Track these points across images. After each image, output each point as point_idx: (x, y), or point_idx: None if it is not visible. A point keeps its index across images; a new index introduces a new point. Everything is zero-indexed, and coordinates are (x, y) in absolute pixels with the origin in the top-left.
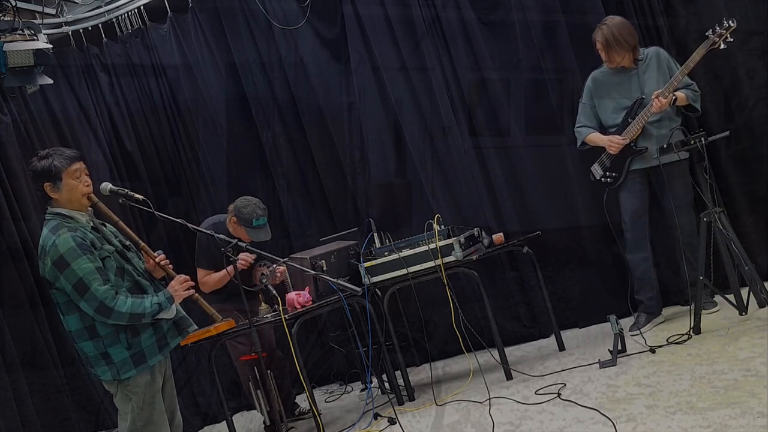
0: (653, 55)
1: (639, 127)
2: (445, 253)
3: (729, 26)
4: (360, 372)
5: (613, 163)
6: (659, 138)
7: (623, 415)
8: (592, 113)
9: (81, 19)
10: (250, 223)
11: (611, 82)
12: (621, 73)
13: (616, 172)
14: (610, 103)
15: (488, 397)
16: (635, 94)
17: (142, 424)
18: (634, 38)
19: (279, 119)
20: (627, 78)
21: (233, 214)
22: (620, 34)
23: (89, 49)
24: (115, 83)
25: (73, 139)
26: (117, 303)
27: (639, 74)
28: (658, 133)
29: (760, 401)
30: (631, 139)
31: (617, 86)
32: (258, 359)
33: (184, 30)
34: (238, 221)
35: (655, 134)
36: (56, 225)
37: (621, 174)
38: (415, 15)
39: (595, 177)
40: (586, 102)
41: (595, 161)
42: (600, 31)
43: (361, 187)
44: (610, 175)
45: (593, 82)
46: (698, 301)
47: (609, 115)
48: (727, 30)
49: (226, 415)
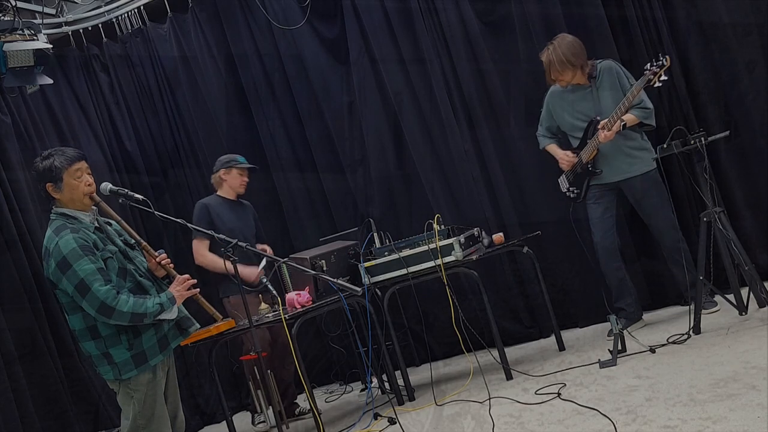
0: (605, 71)
1: (593, 148)
2: (445, 253)
3: (663, 64)
4: (360, 372)
5: (575, 179)
6: (615, 157)
7: (623, 407)
8: (551, 123)
9: (81, 19)
10: (236, 160)
11: (566, 99)
12: (576, 90)
13: (578, 189)
14: (567, 118)
15: (488, 397)
16: (590, 113)
17: (143, 423)
18: (580, 58)
19: (279, 119)
20: (582, 96)
21: (218, 174)
22: (564, 54)
23: (89, 49)
24: (115, 83)
25: (73, 139)
26: (118, 303)
27: (593, 91)
28: (612, 153)
29: (759, 393)
30: (587, 161)
31: (573, 104)
32: (258, 359)
33: (184, 30)
34: (226, 170)
35: (609, 154)
36: (59, 226)
37: (582, 191)
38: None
39: (562, 189)
40: (545, 113)
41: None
42: (545, 52)
43: (361, 187)
44: (573, 190)
45: (551, 97)
46: (698, 301)
47: (569, 128)
48: (661, 68)
49: (226, 415)
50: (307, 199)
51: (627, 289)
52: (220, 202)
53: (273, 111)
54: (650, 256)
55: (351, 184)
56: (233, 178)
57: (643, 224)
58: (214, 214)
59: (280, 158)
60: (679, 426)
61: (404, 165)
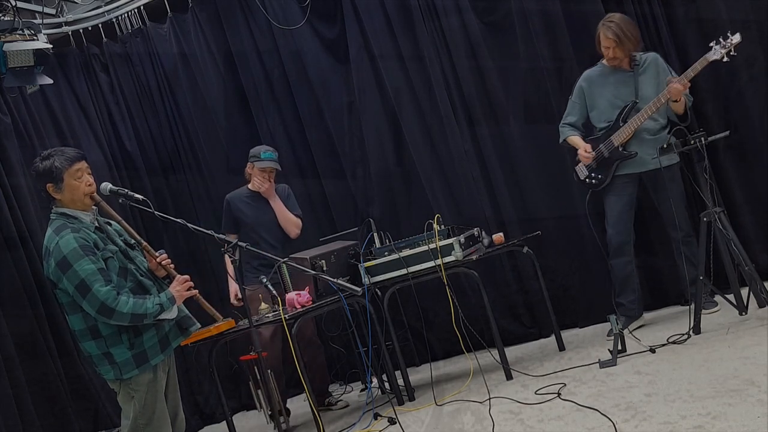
0: (652, 60)
1: (631, 131)
2: (445, 253)
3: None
4: (360, 372)
5: (599, 165)
6: (650, 143)
7: (622, 403)
8: (581, 112)
9: (81, 19)
10: (258, 156)
11: (606, 81)
12: (616, 73)
13: (602, 175)
14: (603, 102)
15: (488, 397)
16: (629, 97)
17: (143, 423)
18: (637, 34)
19: (279, 119)
20: (622, 79)
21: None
22: (629, 30)
23: (89, 49)
24: (114, 83)
25: (73, 139)
26: (119, 304)
27: (635, 77)
28: (650, 138)
29: (759, 389)
30: (620, 143)
31: (612, 86)
32: (258, 359)
33: (184, 30)
34: (250, 164)
35: (647, 139)
36: (60, 226)
37: (607, 177)
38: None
39: (579, 177)
40: (576, 101)
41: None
42: (609, 28)
43: (361, 187)
44: (595, 176)
45: (587, 82)
46: (698, 301)
47: (600, 115)
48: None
49: (227, 415)
50: (307, 199)
51: (631, 285)
52: (245, 195)
53: (273, 111)
54: (651, 254)
55: (351, 184)
56: (254, 174)
57: (644, 221)
58: (235, 209)
59: (280, 159)
60: (679, 422)
61: (404, 165)
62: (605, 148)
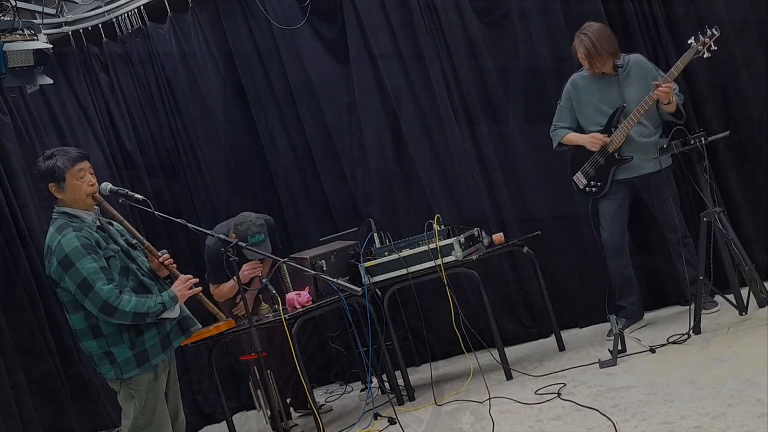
0: (634, 63)
1: (623, 136)
2: (445, 253)
3: (712, 34)
4: (360, 372)
5: (597, 173)
6: (644, 146)
7: (621, 403)
8: (570, 117)
9: (81, 19)
10: (245, 240)
11: (591, 87)
12: (601, 79)
13: (601, 182)
14: (589, 108)
15: (488, 397)
16: (615, 101)
17: (144, 423)
18: (613, 45)
19: (279, 120)
20: (607, 85)
21: (233, 229)
22: (599, 42)
23: (89, 49)
24: (114, 83)
25: (73, 138)
26: (121, 302)
27: (619, 81)
28: (643, 142)
29: (759, 390)
30: (614, 150)
31: (597, 92)
32: (258, 359)
33: (184, 29)
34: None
35: (640, 144)
36: (62, 224)
37: (606, 184)
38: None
39: (579, 186)
40: (565, 105)
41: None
42: (581, 41)
43: (361, 187)
44: (594, 185)
45: (573, 86)
46: (698, 301)
47: (589, 120)
48: (710, 38)
49: (226, 415)
50: (307, 199)
51: (631, 288)
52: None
53: (273, 111)
54: (651, 254)
55: (351, 184)
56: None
57: (642, 223)
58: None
59: (279, 158)
60: (678, 422)
61: (404, 165)
62: (600, 155)
